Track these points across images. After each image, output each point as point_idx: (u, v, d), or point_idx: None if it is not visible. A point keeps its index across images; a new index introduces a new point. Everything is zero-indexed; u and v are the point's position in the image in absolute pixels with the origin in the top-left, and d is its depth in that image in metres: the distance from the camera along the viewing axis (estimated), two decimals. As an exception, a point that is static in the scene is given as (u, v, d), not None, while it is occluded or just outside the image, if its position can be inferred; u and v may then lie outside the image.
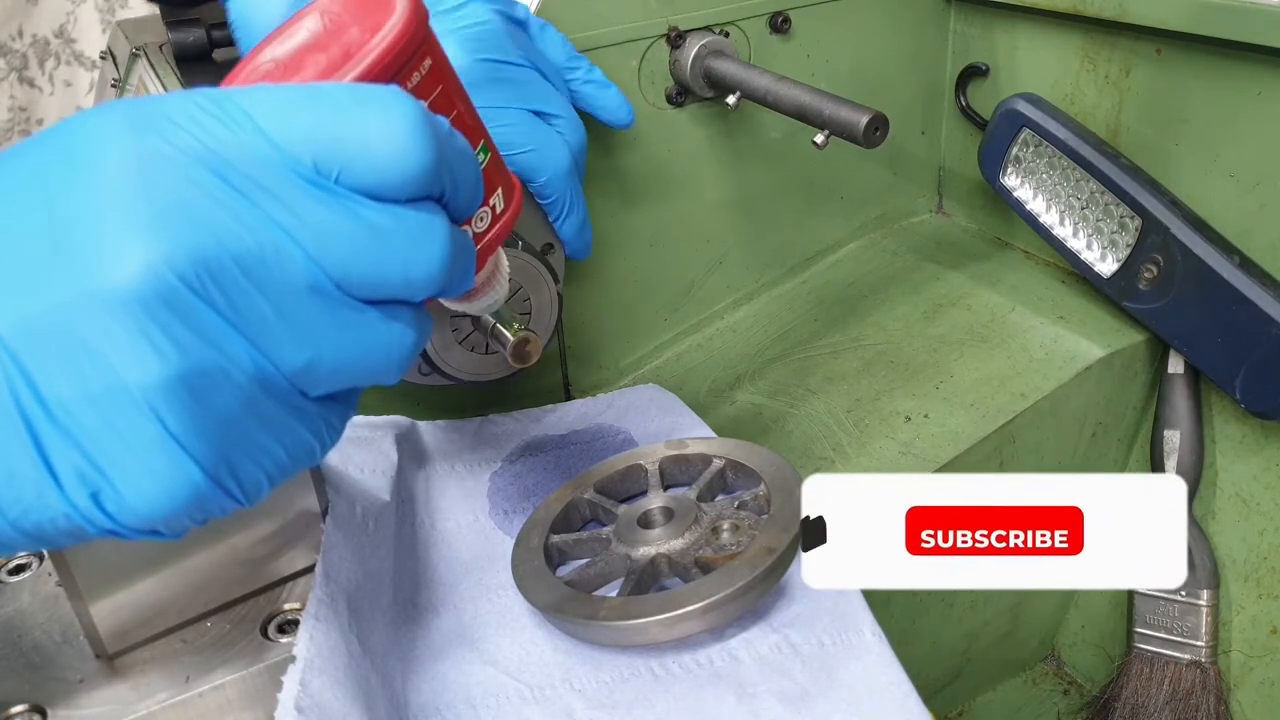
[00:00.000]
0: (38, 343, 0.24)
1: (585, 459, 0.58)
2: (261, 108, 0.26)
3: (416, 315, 0.29)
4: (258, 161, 0.26)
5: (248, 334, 0.26)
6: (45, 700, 0.38)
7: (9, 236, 0.25)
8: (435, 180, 0.28)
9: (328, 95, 0.27)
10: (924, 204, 0.90)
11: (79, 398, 0.24)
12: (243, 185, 0.25)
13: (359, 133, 0.27)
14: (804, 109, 0.59)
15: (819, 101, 0.58)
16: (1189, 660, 0.72)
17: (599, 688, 0.42)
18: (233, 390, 0.25)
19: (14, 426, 0.24)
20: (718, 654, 0.43)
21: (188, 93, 0.27)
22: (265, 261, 0.25)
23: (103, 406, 0.24)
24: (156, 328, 0.24)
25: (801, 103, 0.59)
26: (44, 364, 0.24)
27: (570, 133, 0.56)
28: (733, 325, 0.80)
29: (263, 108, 0.26)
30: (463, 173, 0.29)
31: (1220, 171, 0.66)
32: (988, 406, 0.67)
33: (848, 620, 0.44)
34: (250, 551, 0.42)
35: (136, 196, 0.24)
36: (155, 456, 0.25)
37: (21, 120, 1.19)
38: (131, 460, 0.25)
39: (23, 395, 0.24)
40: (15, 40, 1.15)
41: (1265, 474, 0.70)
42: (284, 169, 0.26)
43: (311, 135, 0.26)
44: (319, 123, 0.26)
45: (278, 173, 0.26)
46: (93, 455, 0.25)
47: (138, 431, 0.25)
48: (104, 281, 0.24)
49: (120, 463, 0.25)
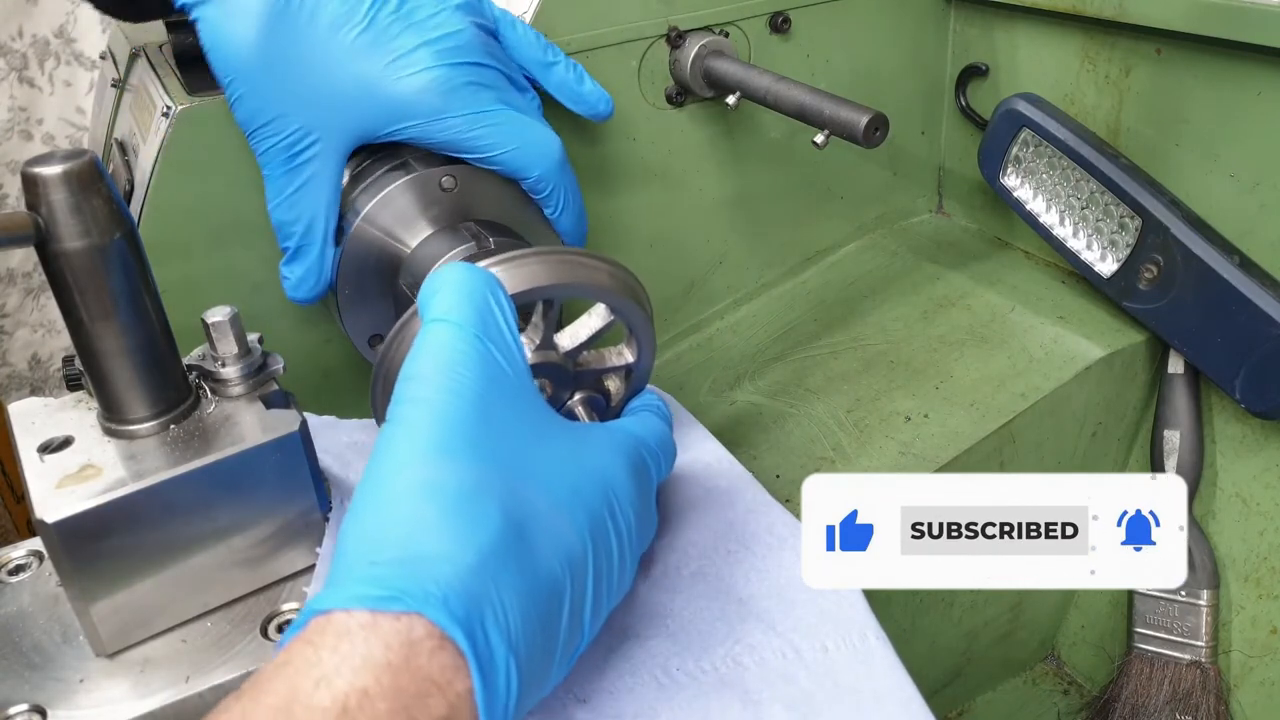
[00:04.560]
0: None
1: None
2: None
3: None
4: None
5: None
6: (45, 700, 0.38)
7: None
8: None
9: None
10: (924, 204, 0.90)
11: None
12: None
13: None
14: (804, 109, 0.59)
15: (819, 101, 0.58)
16: (1189, 660, 0.72)
17: (604, 697, 0.42)
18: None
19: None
20: (722, 660, 0.43)
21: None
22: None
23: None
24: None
25: (801, 103, 0.59)
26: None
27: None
28: (733, 325, 0.80)
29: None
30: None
31: (1220, 171, 0.66)
32: (988, 406, 0.67)
33: (851, 625, 0.43)
34: (250, 551, 0.42)
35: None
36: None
37: (21, 120, 1.19)
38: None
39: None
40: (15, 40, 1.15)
41: (1265, 474, 0.70)
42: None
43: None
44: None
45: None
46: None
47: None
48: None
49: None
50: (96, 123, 0.77)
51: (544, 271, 0.44)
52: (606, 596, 0.37)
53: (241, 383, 0.43)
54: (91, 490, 0.38)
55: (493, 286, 0.39)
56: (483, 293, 0.39)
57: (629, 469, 0.40)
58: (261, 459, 0.41)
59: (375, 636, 0.28)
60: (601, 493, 0.38)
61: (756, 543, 0.49)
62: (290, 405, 0.43)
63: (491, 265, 0.43)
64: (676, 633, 0.44)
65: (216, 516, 0.41)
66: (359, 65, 0.52)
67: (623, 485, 0.39)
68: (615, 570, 0.38)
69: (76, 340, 0.39)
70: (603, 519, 0.37)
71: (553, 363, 0.48)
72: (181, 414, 0.41)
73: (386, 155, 0.57)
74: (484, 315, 0.38)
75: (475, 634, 0.30)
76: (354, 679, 0.27)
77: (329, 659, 0.28)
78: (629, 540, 0.38)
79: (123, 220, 0.37)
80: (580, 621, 0.36)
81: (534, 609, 0.32)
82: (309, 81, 0.51)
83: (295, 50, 0.51)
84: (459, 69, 0.53)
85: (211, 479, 0.40)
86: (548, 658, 0.34)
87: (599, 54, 0.66)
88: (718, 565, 0.47)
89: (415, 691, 0.28)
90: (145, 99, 0.61)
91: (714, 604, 0.45)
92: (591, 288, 0.45)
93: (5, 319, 1.25)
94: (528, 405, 0.38)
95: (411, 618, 0.29)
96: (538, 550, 0.33)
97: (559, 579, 0.34)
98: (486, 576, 0.31)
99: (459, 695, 0.29)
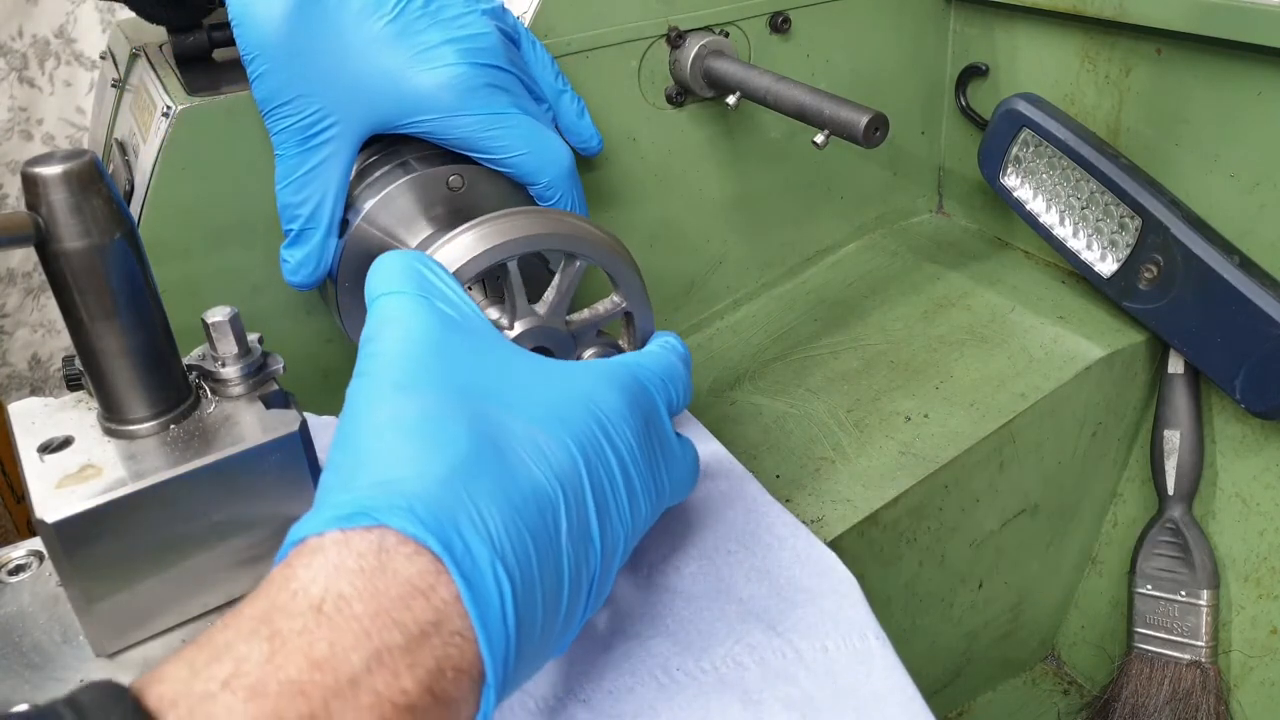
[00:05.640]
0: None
1: None
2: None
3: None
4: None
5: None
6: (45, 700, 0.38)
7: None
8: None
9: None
10: (924, 204, 0.90)
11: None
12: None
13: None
14: (804, 109, 0.59)
15: (819, 101, 0.58)
16: (1189, 660, 0.72)
17: (604, 697, 0.42)
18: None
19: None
20: (722, 660, 0.43)
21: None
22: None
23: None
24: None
25: (801, 103, 0.59)
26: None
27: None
28: (733, 325, 0.80)
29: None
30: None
31: (1220, 171, 0.66)
32: (988, 406, 0.67)
33: (851, 625, 0.43)
34: (250, 551, 0.42)
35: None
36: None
37: (21, 120, 1.19)
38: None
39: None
40: (15, 40, 1.15)
41: (1265, 474, 0.70)
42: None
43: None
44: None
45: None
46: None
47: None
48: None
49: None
50: (96, 123, 0.77)
51: (483, 237, 0.45)
52: (618, 516, 0.36)
53: (241, 383, 0.43)
54: (91, 490, 0.38)
55: (421, 259, 0.40)
56: (413, 265, 0.39)
57: (619, 390, 0.39)
58: (261, 459, 0.41)
59: (347, 549, 0.28)
60: (587, 412, 0.37)
61: (756, 543, 0.49)
62: (290, 405, 0.43)
63: (434, 250, 0.45)
64: (676, 633, 0.44)
65: (216, 516, 0.41)
66: (383, 54, 0.52)
67: (612, 405, 0.38)
68: (621, 489, 0.36)
69: (76, 340, 0.39)
70: (593, 435, 0.36)
71: (541, 328, 0.48)
72: (181, 414, 0.41)
73: (388, 155, 0.57)
74: (419, 280, 0.39)
75: (451, 539, 0.29)
76: (328, 584, 0.27)
77: (303, 573, 0.28)
78: (632, 460, 0.37)
79: (123, 220, 0.37)
80: (588, 537, 0.34)
81: (521, 518, 0.32)
82: (332, 65, 0.52)
83: (322, 32, 0.51)
84: (480, 70, 0.54)
85: (211, 479, 0.40)
86: (554, 575, 0.33)
87: (599, 54, 0.66)
88: (718, 565, 0.47)
89: (395, 595, 0.28)
90: (145, 99, 0.61)
91: (714, 604, 0.45)
92: (539, 237, 0.46)
93: (5, 319, 1.25)
94: (489, 344, 0.38)
95: (382, 530, 0.29)
96: (515, 462, 0.33)
97: (547, 490, 0.33)
98: (457, 485, 0.31)
99: (445, 601, 0.29)
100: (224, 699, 0.25)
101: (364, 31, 0.52)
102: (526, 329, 0.48)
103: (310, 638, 0.26)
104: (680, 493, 0.43)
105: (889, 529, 0.62)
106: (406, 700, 0.27)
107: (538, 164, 0.56)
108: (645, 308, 0.51)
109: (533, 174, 0.56)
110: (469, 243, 0.45)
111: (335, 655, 0.26)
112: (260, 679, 0.25)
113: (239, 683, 0.25)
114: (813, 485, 0.62)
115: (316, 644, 0.26)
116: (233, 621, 0.27)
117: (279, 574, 0.28)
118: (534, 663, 0.33)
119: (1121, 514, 0.79)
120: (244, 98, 0.56)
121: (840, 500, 0.61)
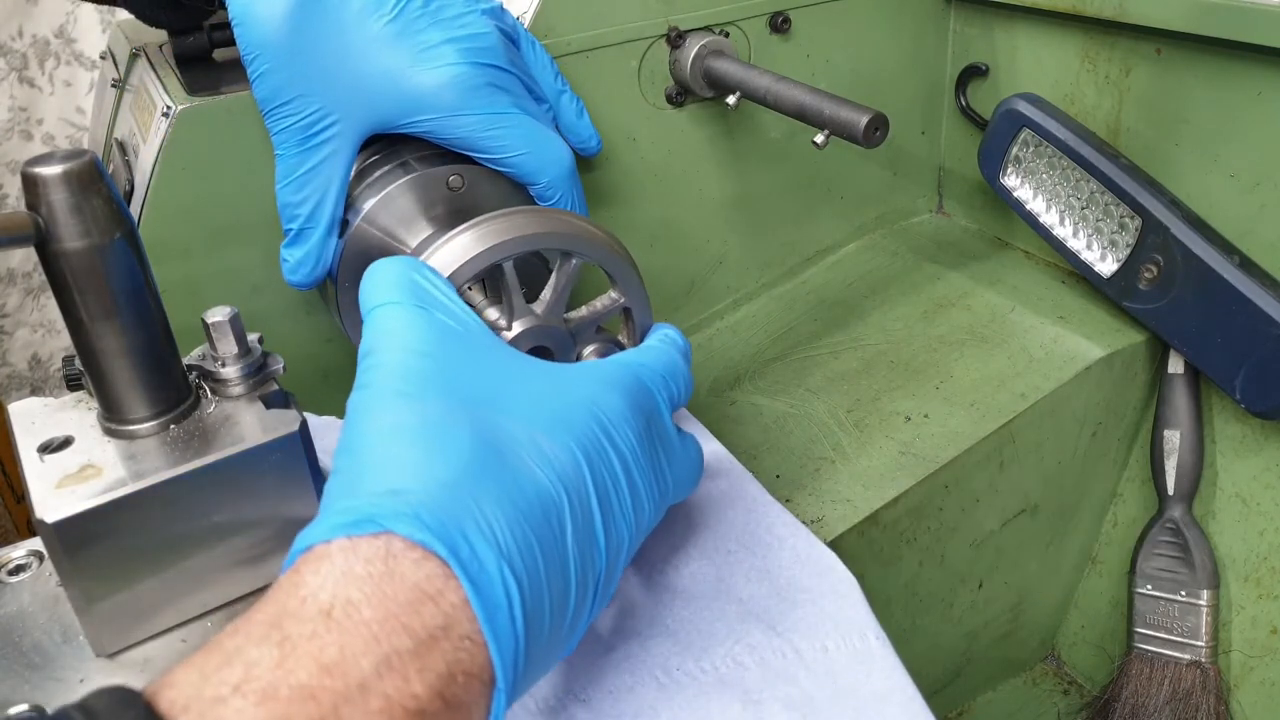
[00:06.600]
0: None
1: None
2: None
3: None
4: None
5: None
6: (45, 700, 0.38)
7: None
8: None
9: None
10: (924, 204, 0.90)
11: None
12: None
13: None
14: (804, 109, 0.59)
15: (819, 101, 0.58)
16: (1189, 660, 0.72)
17: (604, 697, 0.42)
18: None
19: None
20: (722, 660, 0.43)
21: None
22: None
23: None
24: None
25: (801, 103, 0.59)
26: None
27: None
28: (733, 325, 0.80)
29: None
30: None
31: (1220, 171, 0.66)
32: (988, 406, 0.67)
33: (851, 625, 0.43)
34: (250, 551, 0.42)
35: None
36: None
37: (21, 120, 1.19)
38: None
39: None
40: (15, 40, 1.15)
41: (1265, 474, 0.70)
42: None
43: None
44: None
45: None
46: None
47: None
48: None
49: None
50: (96, 123, 0.77)
51: (480, 237, 0.45)
52: (622, 516, 0.36)
53: (241, 383, 0.43)
54: (91, 490, 0.38)
55: (415, 267, 0.40)
56: (407, 274, 0.39)
57: (620, 391, 0.39)
58: (261, 459, 0.41)
59: (354, 555, 0.29)
60: (588, 414, 0.37)
61: (756, 543, 0.49)
62: (290, 405, 0.43)
63: (432, 251, 0.45)
64: (676, 632, 0.44)
65: (216, 516, 0.41)
66: (384, 54, 0.52)
67: (613, 407, 0.38)
68: (625, 489, 0.37)
69: (76, 340, 0.39)
70: (595, 437, 0.36)
71: (539, 327, 0.48)
72: (181, 414, 0.41)
73: (388, 154, 0.57)
74: (415, 289, 0.39)
75: (456, 544, 0.29)
76: (336, 590, 0.28)
77: (312, 579, 0.28)
78: (635, 460, 0.37)
79: (123, 220, 0.37)
80: (593, 538, 0.35)
81: (526, 521, 0.32)
82: (333, 64, 0.52)
83: (323, 32, 0.52)
84: (481, 69, 0.54)
85: (211, 479, 0.40)
86: (561, 577, 0.33)
87: (599, 54, 0.66)
88: (717, 565, 0.47)
89: (404, 600, 0.28)
90: (145, 99, 0.61)
91: (714, 604, 0.45)
92: (537, 236, 0.46)
93: (5, 319, 1.25)
94: (490, 352, 0.38)
95: (388, 536, 0.29)
96: (520, 467, 0.33)
97: (551, 493, 0.33)
98: (462, 491, 0.31)
99: (453, 605, 0.29)
100: (235, 703, 0.25)
101: (365, 30, 0.52)
102: (525, 329, 0.48)
103: (320, 643, 0.26)
104: (684, 490, 0.43)
105: (889, 529, 0.62)
106: (417, 705, 0.27)
107: (538, 164, 0.56)
108: (643, 302, 0.51)
109: (533, 174, 0.56)
110: (467, 243, 0.45)
111: (345, 660, 0.26)
112: (271, 683, 0.25)
113: (250, 687, 0.25)
114: (813, 485, 0.62)
115: (326, 649, 0.26)
116: (242, 627, 0.27)
117: (287, 580, 0.29)
118: (543, 664, 0.33)
119: (1121, 514, 0.79)
120: (244, 98, 0.56)
121: (840, 500, 0.61)
